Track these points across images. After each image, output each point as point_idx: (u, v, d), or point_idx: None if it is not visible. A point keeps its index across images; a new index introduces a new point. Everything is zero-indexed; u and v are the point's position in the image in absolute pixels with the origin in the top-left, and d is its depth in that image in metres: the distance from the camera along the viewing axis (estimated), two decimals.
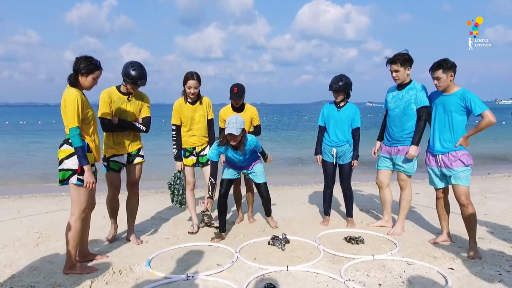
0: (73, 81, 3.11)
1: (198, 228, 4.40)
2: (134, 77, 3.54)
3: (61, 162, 3.08)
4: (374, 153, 4.37)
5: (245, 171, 4.34)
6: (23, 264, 3.44)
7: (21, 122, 43.23)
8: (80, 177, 3.06)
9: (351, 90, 4.40)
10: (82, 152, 3.02)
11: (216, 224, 4.01)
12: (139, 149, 3.88)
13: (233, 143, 3.83)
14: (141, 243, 3.99)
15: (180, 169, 4.26)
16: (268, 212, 4.60)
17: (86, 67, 3.07)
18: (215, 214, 4.29)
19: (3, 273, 3.25)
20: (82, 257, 3.44)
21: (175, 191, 4.24)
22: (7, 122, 43.13)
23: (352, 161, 4.37)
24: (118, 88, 3.67)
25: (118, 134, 3.67)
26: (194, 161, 4.33)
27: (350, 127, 4.36)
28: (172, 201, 4.28)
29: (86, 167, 3.04)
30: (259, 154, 4.35)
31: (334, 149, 4.38)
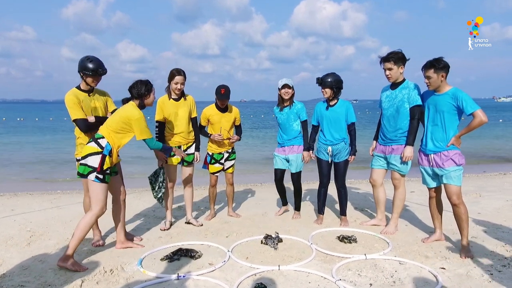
0: (143, 105, 3.58)
1: (171, 225, 4.49)
2: (93, 68, 3.52)
3: (85, 157, 3.33)
4: (372, 151, 4.37)
5: (288, 156, 4.63)
6: (14, 263, 3.43)
7: (18, 119, 43.08)
8: (99, 175, 3.30)
9: (342, 88, 4.38)
10: (164, 147, 3.78)
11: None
12: None
13: (286, 96, 4.55)
14: (141, 240, 4.00)
15: (160, 165, 4.27)
16: (297, 206, 4.89)
17: (146, 89, 3.54)
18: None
19: None
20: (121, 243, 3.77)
21: (155, 186, 4.23)
22: (4, 119, 42.99)
23: (350, 157, 4.37)
24: (78, 88, 3.62)
25: (95, 132, 3.62)
26: (179, 160, 4.36)
27: (346, 123, 4.36)
28: (155, 197, 4.28)
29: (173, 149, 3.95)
30: (301, 136, 4.66)
31: (329, 148, 4.38)
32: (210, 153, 4.72)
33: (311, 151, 4.62)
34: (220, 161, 4.71)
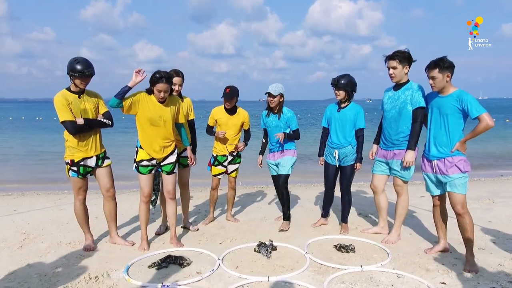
0: (150, 90, 3.60)
1: (166, 229, 4.35)
2: (81, 69, 3.43)
3: None
4: (372, 156, 4.19)
5: (277, 160, 4.43)
6: (2, 266, 3.38)
7: (37, 118, 44.00)
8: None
9: (355, 91, 4.21)
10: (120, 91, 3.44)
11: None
12: (105, 152, 3.82)
13: (271, 104, 4.29)
14: (133, 245, 3.91)
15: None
16: (284, 215, 4.51)
17: (151, 78, 3.51)
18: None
19: None
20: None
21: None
22: (23, 117, 44.02)
23: (355, 164, 4.18)
24: (68, 89, 3.57)
25: (84, 135, 3.57)
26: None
27: (353, 128, 4.18)
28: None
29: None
30: (294, 141, 4.49)
31: (336, 151, 4.21)
32: (214, 155, 4.61)
33: (321, 157, 4.47)
34: (223, 164, 4.59)
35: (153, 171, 3.78)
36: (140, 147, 3.70)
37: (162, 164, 3.79)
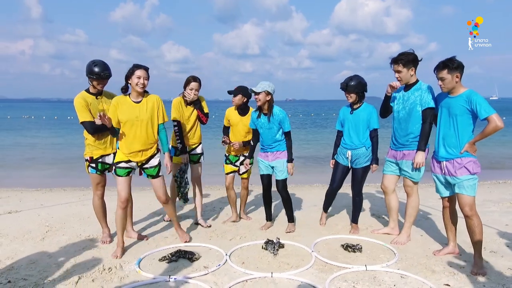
0: (125, 88, 3.65)
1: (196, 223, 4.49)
2: (98, 71, 3.60)
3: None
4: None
5: (271, 163, 4.29)
6: (25, 256, 3.61)
7: (68, 117, 45.69)
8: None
9: (366, 91, 4.21)
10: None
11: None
12: None
13: (258, 103, 4.13)
14: (147, 239, 4.08)
15: (185, 162, 4.38)
16: (288, 217, 4.46)
17: (127, 73, 3.56)
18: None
19: (4, 264, 3.43)
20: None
21: (182, 182, 4.40)
22: (56, 117, 45.81)
23: (372, 166, 4.16)
24: (87, 91, 3.75)
25: (102, 134, 3.75)
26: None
27: (367, 129, 4.17)
28: (178, 195, 4.43)
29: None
30: (285, 144, 4.27)
31: (349, 152, 4.21)
32: (227, 154, 4.72)
33: (332, 160, 4.46)
34: (235, 164, 4.69)
35: (131, 174, 3.68)
36: (119, 148, 3.63)
37: (144, 167, 3.69)
